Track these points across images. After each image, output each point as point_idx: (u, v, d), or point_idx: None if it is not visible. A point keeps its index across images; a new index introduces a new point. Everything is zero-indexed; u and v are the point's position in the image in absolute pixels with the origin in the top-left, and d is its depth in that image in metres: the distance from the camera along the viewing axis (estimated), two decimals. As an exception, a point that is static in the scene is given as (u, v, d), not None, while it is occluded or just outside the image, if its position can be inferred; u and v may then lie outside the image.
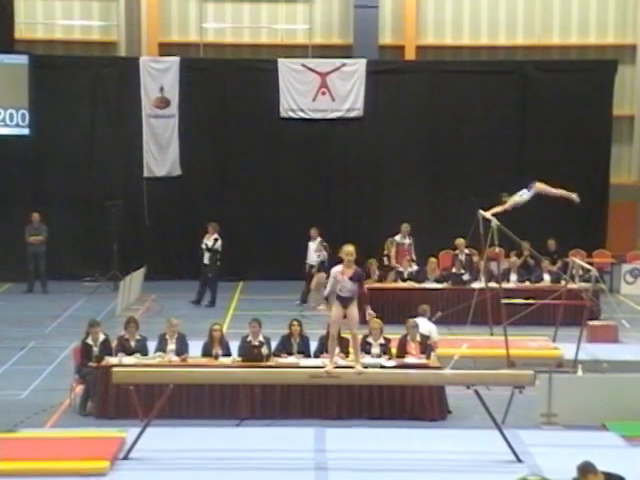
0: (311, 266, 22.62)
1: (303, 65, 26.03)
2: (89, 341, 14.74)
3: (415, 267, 22.00)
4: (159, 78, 25.74)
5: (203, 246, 22.51)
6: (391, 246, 22.68)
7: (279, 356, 14.63)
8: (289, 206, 25.97)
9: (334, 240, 25.71)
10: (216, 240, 22.47)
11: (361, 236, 25.54)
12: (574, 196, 18.16)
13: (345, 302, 11.67)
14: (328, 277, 16.81)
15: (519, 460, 11.94)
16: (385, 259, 22.46)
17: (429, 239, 24.13)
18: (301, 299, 22.52)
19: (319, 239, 22.66)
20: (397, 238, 22.84)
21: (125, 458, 11.86)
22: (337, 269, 11.71)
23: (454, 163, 25.98)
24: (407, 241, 22.80)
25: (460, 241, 21.33)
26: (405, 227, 22.85)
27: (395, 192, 25.77)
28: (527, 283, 21.43)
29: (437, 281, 21.37)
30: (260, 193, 26.02)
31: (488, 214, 17.03)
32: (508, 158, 26.19)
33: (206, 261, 22.50)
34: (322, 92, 26.00)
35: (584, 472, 8.74)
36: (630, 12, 27.78)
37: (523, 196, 17.47)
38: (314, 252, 22.62)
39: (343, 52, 27.06)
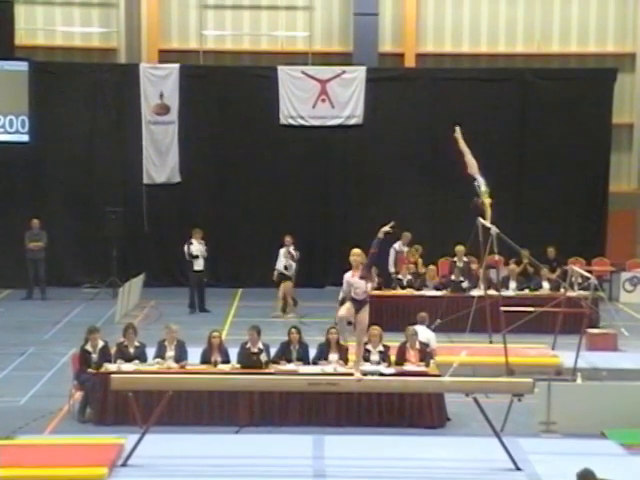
0: (280, 273, 22.55)
1: (303, 72, 26.06)
2: (88, 347, 14.73)
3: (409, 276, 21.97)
4: (159, 85, 25.78)
5: (197, 253, 22.45)
6: (416, 253, 22.72)
7: (278, 363, 14.62)
8: (289, 213, 25.98)
9: (333, 246, 25.93)
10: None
11: (360, 242, 25.58)
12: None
13: (358, 305, 11.82)
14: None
15: (518, 468, 11.92)
16: (412, 267, 22.29)
17: (428, 247, 24.12)
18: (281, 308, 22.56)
19: (291, 247, 22.56)
20: (396, 246, 22.86)
21: (124, 465, 11.84)
22: (348, 274, 11.86)
23: (454, 171, 25.86)
24: (406, 249, 22.88)
25: (460, 248, 21.32)
26: (406, 235, 22.87)
27: (394, 199, 25.75)
28: (526, 291, 21.43)
29: (436, 288, 21.38)
30: (259, 200, 26.02)
31: (487, 223, 17.02)
32: (507, 165, 26.16)
33: (201, 267, 22.50)
34: (322, 99, 26.03)
35: (583, 479, 8.75)
36: (630, 20, 27.80)
37: (481, 185, 17.50)
38: (282, 258, 22.54)
39: (343, 59, 27.08)
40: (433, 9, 27.70)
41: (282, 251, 22.61)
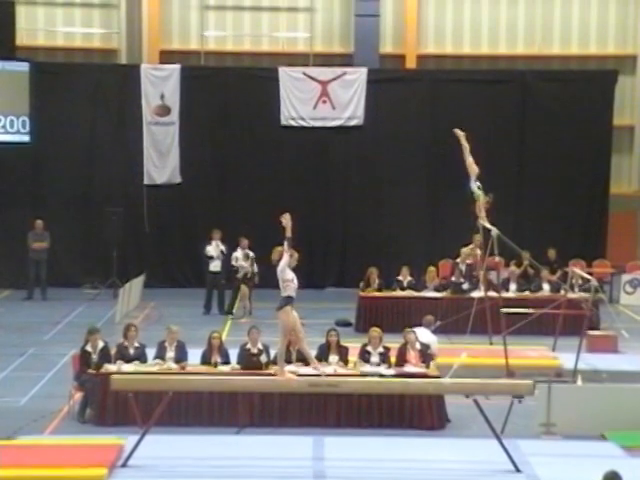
0: (242, 275, 22.36)
1: (304, 73, 26.06)
2: (88, 348, 14.73)
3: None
4: (160, 86, 25.78)
5: (213, 253, 22.45)
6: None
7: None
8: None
9: (333, 247, 25.97)
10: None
11: (361, 244, 25.64)
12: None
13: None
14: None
15: (518, 470, 11.92)
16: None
17: (428, 248, 24.13)
18: (226, 309, 22.45)
19: (246, 250, 22.37)
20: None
21: (123, 466, 11.83)
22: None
23: (454, 172, 25.81)
24: (478, 252, 22.13)
25: (466, 250, 21.14)
26: (478, 238, 22.43)
27: (395, 200, 25.78)
28: (527, 293, 21.42)
29: (436, 290, 21.35)
30: (260, 201, 26.00)
31: (487, 224, 17.00)
32: (508, 167, 26.18)
33: (218, 268, 22.47)
34: (323, 100, 26.02)
35: None
36: (630, 23, 27.81)
37: (476, 187, 17.22)
38: (235, 261, 22.34)
39: (344, 61, 27.09)
40: (434, 10, 27.71)
41: (236, 254, 22.43)
